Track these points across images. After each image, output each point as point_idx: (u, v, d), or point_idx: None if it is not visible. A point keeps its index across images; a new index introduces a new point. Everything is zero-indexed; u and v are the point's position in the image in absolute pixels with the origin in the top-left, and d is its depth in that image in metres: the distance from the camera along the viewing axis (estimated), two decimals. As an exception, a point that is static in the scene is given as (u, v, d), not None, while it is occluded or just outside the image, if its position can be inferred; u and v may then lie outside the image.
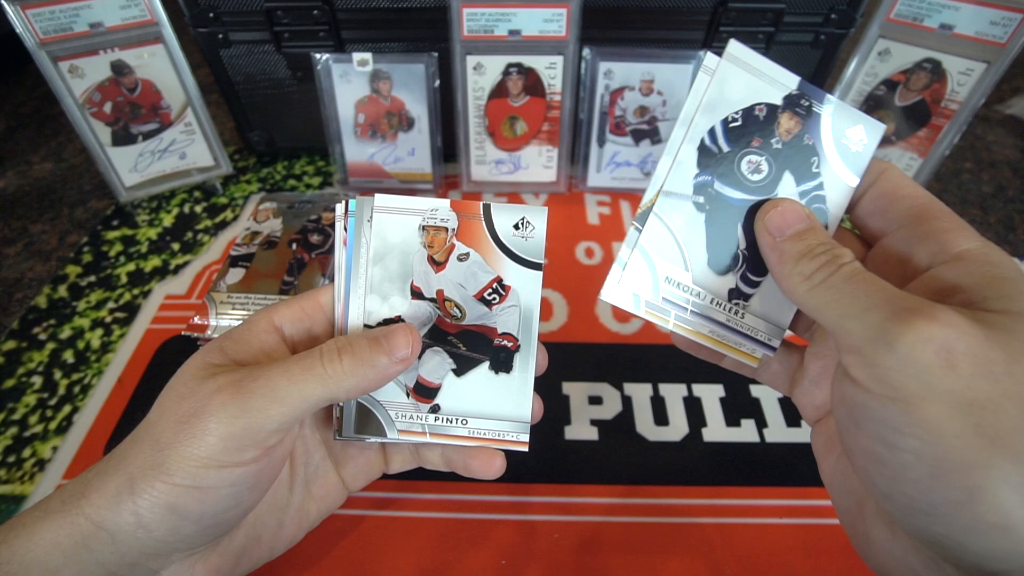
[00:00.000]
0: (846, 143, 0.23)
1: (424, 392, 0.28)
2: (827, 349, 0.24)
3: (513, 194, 0.60)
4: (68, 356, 0.45)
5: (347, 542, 0.34)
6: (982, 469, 0.15)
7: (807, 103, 0.23)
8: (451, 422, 0.28)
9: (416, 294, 0.28)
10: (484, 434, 0.28)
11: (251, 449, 0.23)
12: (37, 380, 0.44)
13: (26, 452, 0.39)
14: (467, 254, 0.27)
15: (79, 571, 0.22)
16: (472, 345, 0.28)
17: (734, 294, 0.24)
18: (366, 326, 0.27)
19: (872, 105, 0.55)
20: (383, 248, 0.27)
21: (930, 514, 0.16)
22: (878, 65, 0.54)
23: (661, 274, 0.24)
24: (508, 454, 0.29)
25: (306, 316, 0.27)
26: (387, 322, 0.27)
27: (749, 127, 0.23)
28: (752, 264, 0.24)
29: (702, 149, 0.23)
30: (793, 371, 0.26)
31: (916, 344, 0.16)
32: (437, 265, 0.27)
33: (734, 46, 0.22)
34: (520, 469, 0.37)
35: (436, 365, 0.28)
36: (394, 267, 0.27)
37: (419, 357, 0.28)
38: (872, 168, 0.23)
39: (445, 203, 0.27)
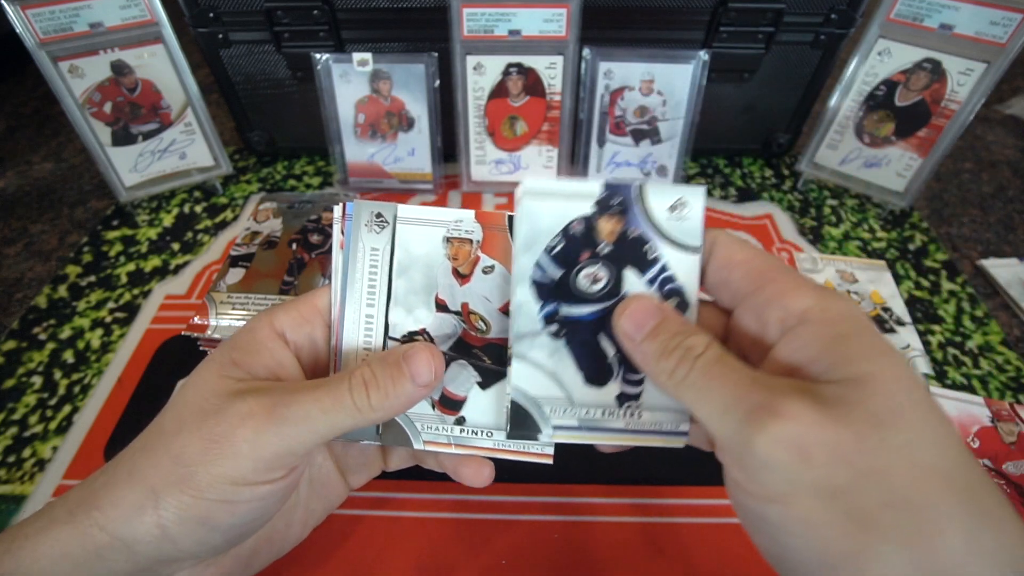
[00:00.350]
0: (672, 218, 0.24)
1: (450, 404, 0.28)
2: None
3: (512, 194, 0.60)
4: (68, 356, 0.45)
5: (347, 542, 0.34)
6: (860, 556, 0.16)
7: (618, 200, 0.23)
8: (476, 434, 0.28)
9: (441, 307, 0.27)
10: (509, 446, 0.28)
11: (280, 470, 0.23)
12: (37, 380, 0.44)
13: (26, 452, 0.39)
14: (492, 267, 0.27)
15: None
16: (497, 358, 0.28)
17: (623, 399, 0.25)
18: (391, 339, 0.27)
19: (872, 105, 0.56)
20: (407, 260, 0.27)
21: None
22: (878, 65, 0.54)
23: (546, 408, 0.25)
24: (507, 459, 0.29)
25: (305, 321, 0.27)
26: (412, 335, 0.27)
27: (573, 245, 0.24)
28: (628, 365, 0.24)
29: (536, 285, 0.24)
30: (707, 436, 0.26)
31: (770, 445, 0.17)
32: (462, 278, 0.27)
33: (526, 184, 0.23)
34: (520, 469, 0.37)
35: (462, 379, 0.28)
36: (418, 279, 0.27)
37: (445, 370, 0.27)
38: (706, 241, 0.23)
39: (470, 214, 0.27)
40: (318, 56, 0.53)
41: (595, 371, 0.24)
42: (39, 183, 0.64)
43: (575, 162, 0.60)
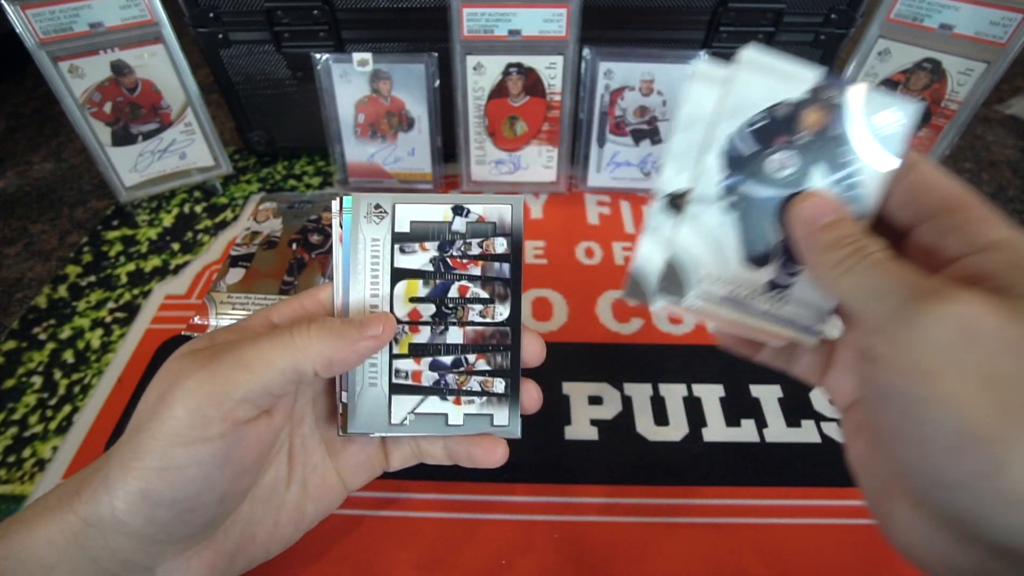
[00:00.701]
0: (879, 127, 0.23)
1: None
2: (859, 337, 0.24)
3: (513, 194, 0.60)
4: (68, 356, 0.45)
5: (347, 542, 0.34)
6: (1005, 443, 0.15)
7: (831, 95, 0.23)
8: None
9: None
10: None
11: (217, 422, 0.22)
12: (37, 380, 0.44)
13: (26, 452, 0.39)
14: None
15: (73, 568, 0.22)
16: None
17: (773, 285, 0.24)
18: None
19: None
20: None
21: (954, 488, 0.16)
22: (878, 65, 0.54)
23: (700, 273, 0.24)
24: (509, 450, 0.29)
25: (305, 313, 0.27)
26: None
27: (774, 126, 0.23)
28: (790, 255, 0.24)
29: (728, 155, 0.23)
30: (824, 362, 0.26)
31: (938, 322, 0.16)
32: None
33: (749, 53, 0.23)
34: (520, 469, 0.37)
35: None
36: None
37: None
38: (904, 161, 0.22)
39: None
40: (318, 56, 0.53)
41: (757, 252, 0.24)
42: (39, 183, 0.64)
43: (575, 162, 0.60)
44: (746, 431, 0.39)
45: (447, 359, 0.29)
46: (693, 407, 0.41)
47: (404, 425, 0.29)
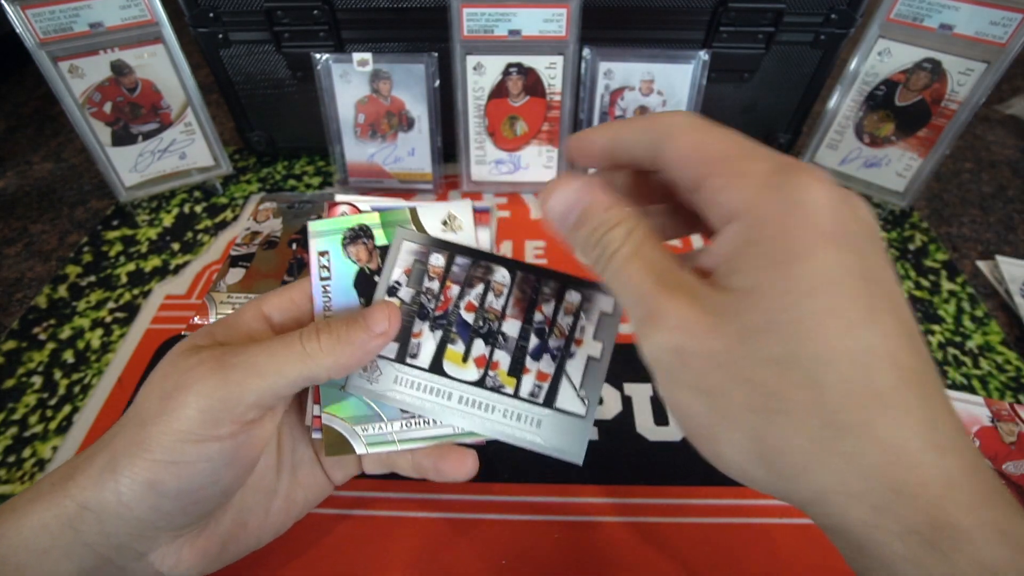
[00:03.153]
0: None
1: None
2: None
3: (513, 194, 0.60)
4: (68, 356, 0.45)
5: (346, 542, 0.34)
6: (718, 441, 0.19)
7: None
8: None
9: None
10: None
11: (228, 423, 0.23)
12: (37, 380, 0.44)
13: (26, 452, 0.39)
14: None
15: (66, 552, 0.22)
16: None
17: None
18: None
19: (872, 105, 0.56)
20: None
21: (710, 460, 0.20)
22: (878, 65, 0.54)
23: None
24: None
25: (295, 305, 0.28)
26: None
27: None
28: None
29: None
30: None
31: (657, 349, 0.19)
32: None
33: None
34: (520, 469, 0.37)
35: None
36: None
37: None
38: (661, 133, 0.21)
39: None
40: (318, 56, 0.53)
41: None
42: (39, 183, 0.64)
43: (575, 162, 0.60)
44: (746, 431, 0.39)
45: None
46: (693, 407, 0.41)
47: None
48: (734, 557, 0.33)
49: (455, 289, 0.27)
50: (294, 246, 0.51)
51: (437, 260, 0.27)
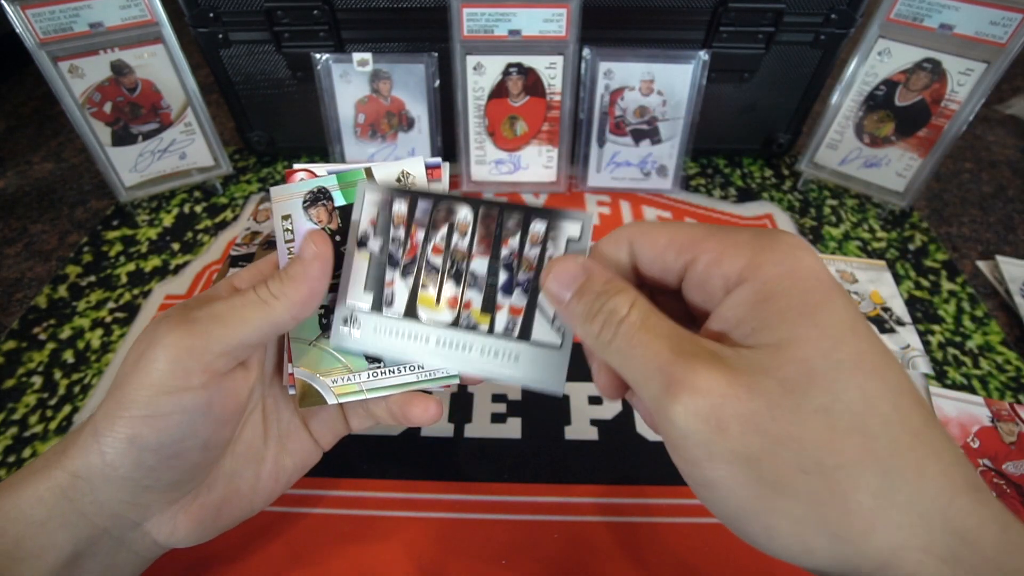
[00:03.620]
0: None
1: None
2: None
3: (513, 194, 0.60)
4: (68, 356, 0.45)
5: (347, 542, 0.34)
6: (770, 513, 0.17)
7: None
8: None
9: None
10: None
11: (198, 373, 0.24)
12: (37, 380, 0.44)
13: (26, 452, 0.39)
14: None
15: (63, 523, 0.23)
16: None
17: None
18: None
19: (872, 105, 0.56)
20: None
21: (748, 537, 0.18)
22: (878, 65, 0.54)
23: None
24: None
25: (262, 275, 0.29)
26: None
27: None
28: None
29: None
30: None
31: (686, 418, 0.17)
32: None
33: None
34: (520, 469, 0.37)
35: None
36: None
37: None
38: (624, 240, 0.23)
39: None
40: (318, 56, 0.53)
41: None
42: (39, 183, 0.64)
43: (575, 162, 0.60)
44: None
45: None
46: (693, 407, 0.41)
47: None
48: (734, 556, 0.33)
49: (421, 234, 0.27)
50: (294, 246, 0.51)
51: (400, 207, 0.27)
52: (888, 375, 0.17)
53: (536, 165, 0.59)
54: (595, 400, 0.41)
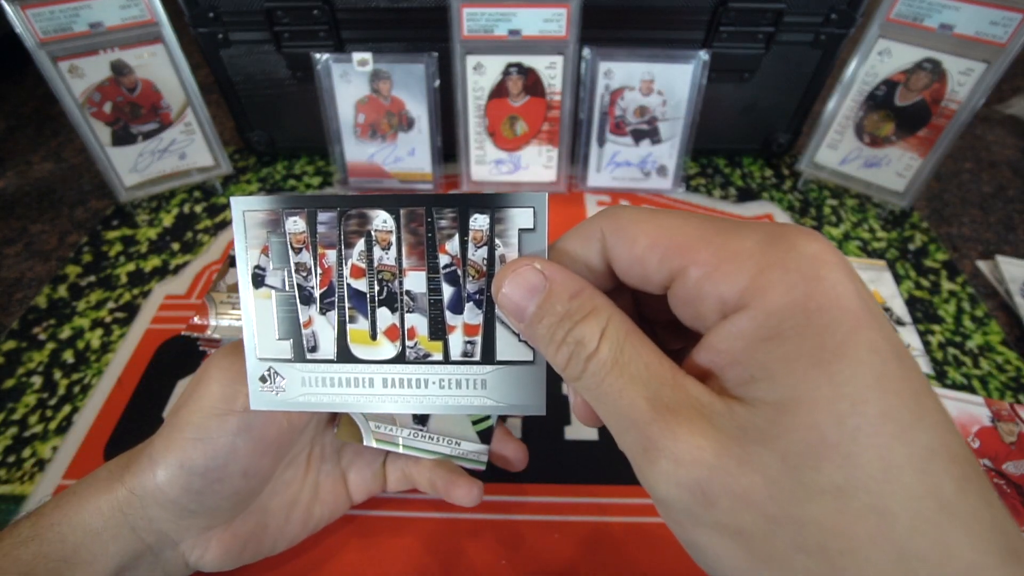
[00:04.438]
0: None
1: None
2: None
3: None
4: (68, 356, 0.45)
5: (347, 541, 0.34)
6: None
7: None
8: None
9: None
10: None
11: (242, 397, 0.25)
12: (37, 380, 0.44)
13: (26, 452, 0.39)
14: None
15: (115, 534, 0.25)
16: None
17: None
18: None
19: (872, 105, 0.56)
20: None
21: None
22: (878, 65, 0.54)
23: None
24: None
25: None
26: None
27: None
28: None
29: None
30: None
31: (668, 488, 0.15)
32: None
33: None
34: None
35: None
36: None
37: None
38: (598, 232, 0.18)
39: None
40: (318, 56, 0.53)
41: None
42: (39, 183, 0.64)
43: (575, 162, 0.60)
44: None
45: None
46: (693, 407, 0.41)
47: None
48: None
49: (332, 254, 0.22)
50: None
51: (295, 225, 0.22)
52: (918, 435, 0.14)
53: (536, 165, 0.59)
54: (595, 400, 0.41)
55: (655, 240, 0.17)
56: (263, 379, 0.24)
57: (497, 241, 0.21)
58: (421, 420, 0.29)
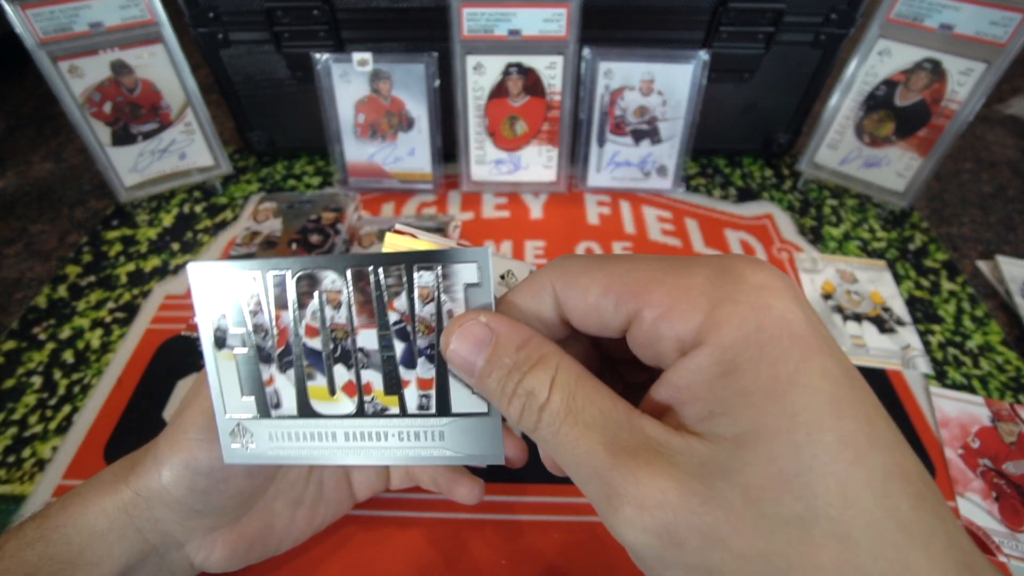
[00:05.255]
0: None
1: None
2: None
3: (513, 194, 0.60)
4: (68, 356, 0.45)
5: (347, 541, 0.34)
6: None
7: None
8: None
9: None
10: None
11: None
12: (37, 380, 0.44)
13: (26, 452, 0.39)
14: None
15: (121, 535, 0.25)
16: None
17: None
18: None
19: (872, 105, 0.56)
20: None
21: None
22: (878, 65, 0.54)
23: None
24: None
25: None
26: None
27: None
28: None
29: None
30: None
31: (635, 534, 0.15)
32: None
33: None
34: (520, 469, 0.37)
35: None
36: None
37: None
38: (547, 285, 0.19)
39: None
40: (318, 56, 0.53)
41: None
42: (39, 183, 0.64)
43: (575, 162, 0.60)
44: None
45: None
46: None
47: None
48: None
49: (288, 315, 0.23)
50: (293, 246, 0.51)
51: (252, 287, 0.23)
52: (873, 458, 0.14)
53: (536, 165, 0.59)
54: (595, 400, 0.41)
55: (607, 287, 0.17)
56: (233, 434, 0.24)
57: (444, 296, 0.21)
58: None
